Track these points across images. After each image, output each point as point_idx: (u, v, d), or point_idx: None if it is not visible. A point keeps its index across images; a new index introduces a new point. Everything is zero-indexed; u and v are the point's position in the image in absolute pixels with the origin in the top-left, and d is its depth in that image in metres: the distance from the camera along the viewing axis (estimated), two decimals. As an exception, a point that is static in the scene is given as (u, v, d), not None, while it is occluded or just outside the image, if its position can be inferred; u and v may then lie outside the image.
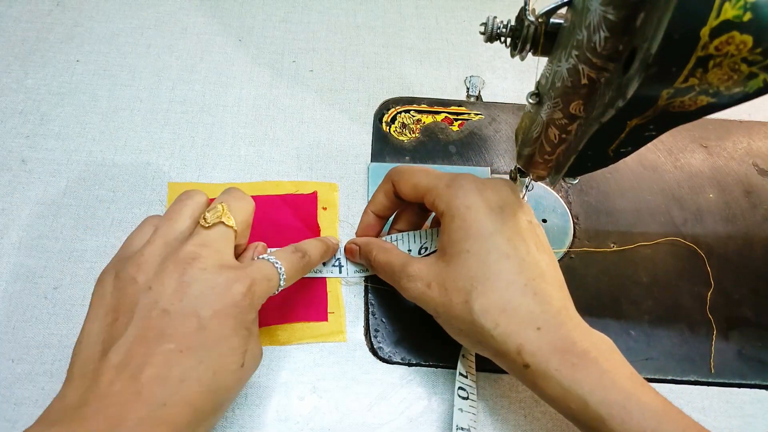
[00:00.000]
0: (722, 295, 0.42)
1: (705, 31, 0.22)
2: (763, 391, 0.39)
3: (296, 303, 0.40)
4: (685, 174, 0.48)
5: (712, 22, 0.21)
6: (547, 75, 0.33)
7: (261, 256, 0.34)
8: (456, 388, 0.36)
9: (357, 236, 0.43)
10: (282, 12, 0.58)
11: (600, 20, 0.26)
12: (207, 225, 0.32)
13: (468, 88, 0.53)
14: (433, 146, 0.49)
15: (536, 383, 0.31)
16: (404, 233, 0.40)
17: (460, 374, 0.36)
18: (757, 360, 0.39)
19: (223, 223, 0.32)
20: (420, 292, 0.35)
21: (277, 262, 0.34)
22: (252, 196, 0.44)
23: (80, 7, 0.56)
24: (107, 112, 0.50)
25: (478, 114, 0.51)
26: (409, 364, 0.39)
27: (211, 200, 0.35)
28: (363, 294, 0.41)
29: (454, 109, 0.51)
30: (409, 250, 0.39)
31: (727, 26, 0.21)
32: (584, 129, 0.31)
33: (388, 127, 0.50)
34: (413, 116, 0.50)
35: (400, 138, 0.49)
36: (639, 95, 0.25)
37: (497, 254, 0.33)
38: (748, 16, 0.21)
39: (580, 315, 0.41)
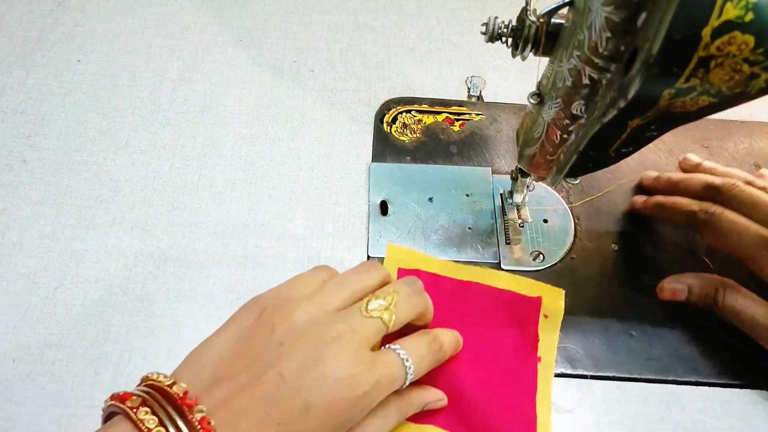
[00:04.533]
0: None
1: (707, 32, 0.22)
2: (765, 392, 0.38)
3: (499, 419, 0.35)
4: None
5: (714, 22, 0.21)
6: (549, 75, 0.33)
7: (391, 347, 0.32)
8: None
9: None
10: (283, 12, 0.58)
11: (601, 21, 0.26)
12: (366, 314, 0.31)
13: (469, 89, 0.53)
14: (434, 146, 0.49)
15: None
16: None
17: None
18: (758, 361, 0.39)
19: (381, 319, 0.31)
20: None
21: (407, 360, 0.31)
22: (466, 281, 0.41)
23: (81, 7, 0.56)
24: (108, 111, 0.50)
25: (479, 114, 0.51)
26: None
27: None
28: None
29: (455, 109, 0.51)
30: None
31: (728, 26, 0.21)
32: (585, 129, 0.31)
33: (389, 127, 0.50)
34: (414, 116, 0.50)
35: (401, 138, 0.49)
36: (640, 95, 0.25)
37: None
38: (749, 17, 0.21)
39: (581, 316, 0.40)
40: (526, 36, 0.31)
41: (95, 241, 0.43)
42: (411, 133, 0.49)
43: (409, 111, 0.51)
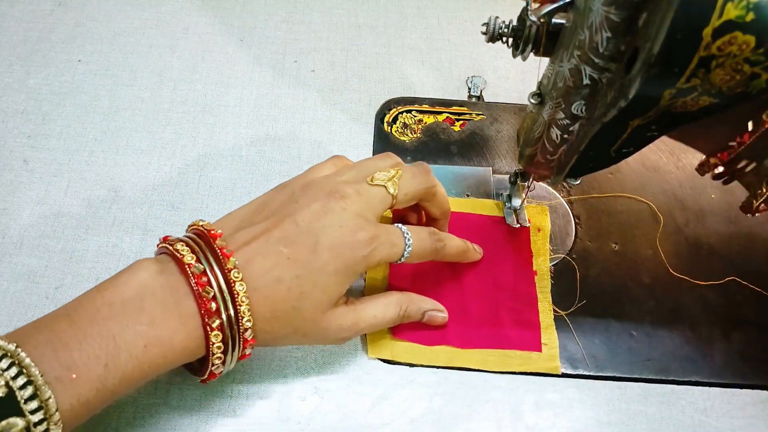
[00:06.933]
0: (724, 296, 0.42)
1: (707, 32, 0.22)
2: (765, 392, 0.38)
3: (508, 328, 0.40)
4: (687, 174, 0.48)
5: (715, 22, 0.21)
6: (549, 75, 0.33)
7: (397, 225, 0.36)
8: None
9: None
10: (283, 12, 0.58)
11: (602, 20, 0.26)
12: (371, 183, 0.35)
13: (470, 89, 0.53)
14: (435, 146, 0.49)
15: None
16: None
17: None
18: (758, 361, 0.39)
19: (385, 187, 0.35)
20: None
21: (407, 233, 0.35)
22: (463, 213, 0.44)
23: (82, 7, 0.56)
24: (109, 112, 0.50)
25: (479, 114, 0.51)
26: (411, 365, 0.39)
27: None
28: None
29: (455, 109, 0.51)
30: None
31: (729, 26, 0.21)
32: (586, 129, 0.31)
33: (389, 127, 0.50)
34: (415, 116, 0.50)
35: (402, 138, 0.49)
36: (641, 95, 0.25)
37: None
38: (750, 17, 0.21)
39: (581, 316, 0.41)
40: (527, 36, 0.31)
41: (95, 241, 0.43)
42: (411, 133, 0.49)
43: (409, 111, 0.51)
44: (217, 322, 0.29)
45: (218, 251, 0.30)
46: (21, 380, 0.25)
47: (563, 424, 0.37)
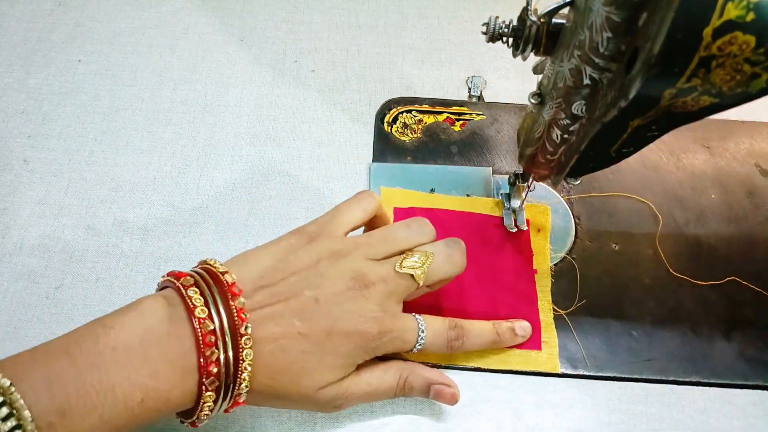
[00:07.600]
0: (725, 296, 0.42)
1: (708, 31, 0.22)
2: (765, 392, 0.38)
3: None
4: (688, 174, 0.48)
5: (715, 22, 0.21)
6: (549, 75, 0.33)
7: (414, 316, 0.35)
8: None
9: None
10: (284, 12, 0.58)
11: (602, 20, 0.26)
12: (400, 269, 0.34)
13: (470, 89, 0.53)
14: (435, 146, 0.49)
15: None
16: None
17: None
18: (759, 361, 0.39)
19: (413, 276, 0.34)
20: None
21: (422, 332, 0.35)
22: (459, 212, 0.44)
23: (82, 7, 0.56)
24: (109, 112, 0.50)
25: (479, 114, 0.51)
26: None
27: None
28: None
29: (455, 109, 0.51)
30: None
31: (729, 26, 0.21)
32: (586, 129, 0.31)
33: (389, 127, 0.50)
34: (415, 116, 0.50)
35: (402, 138, 0.49)
36: (641, 95, 0.25)
37: None
38: (750, 17, 0.21)
39: (581, 316, 0.41)
40: (527, 36, 0.31)
41: (96, 240, 0.43)
42: (412, 133, 0.49)
43: (409, 111, 0.51)
44: (215, 384, 0.29)
45: (234, 311, 0.29)
46: (10, 423, 0.24)
47: (563, 424, 0.37)
